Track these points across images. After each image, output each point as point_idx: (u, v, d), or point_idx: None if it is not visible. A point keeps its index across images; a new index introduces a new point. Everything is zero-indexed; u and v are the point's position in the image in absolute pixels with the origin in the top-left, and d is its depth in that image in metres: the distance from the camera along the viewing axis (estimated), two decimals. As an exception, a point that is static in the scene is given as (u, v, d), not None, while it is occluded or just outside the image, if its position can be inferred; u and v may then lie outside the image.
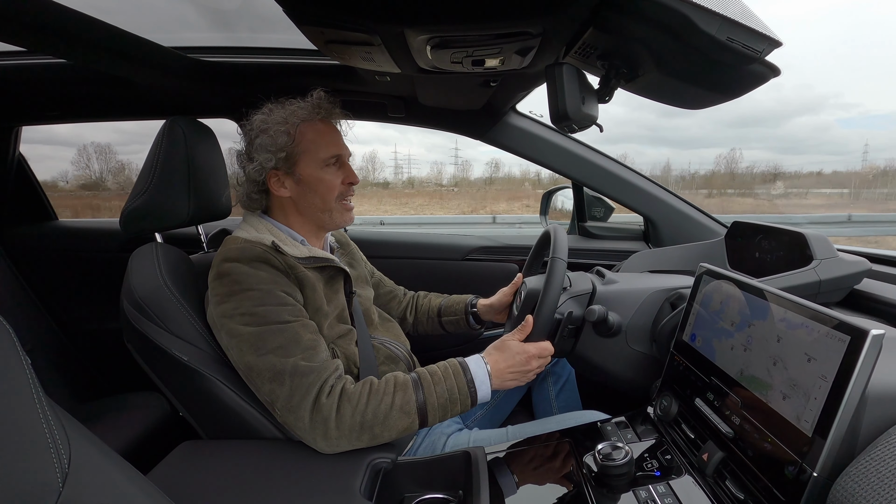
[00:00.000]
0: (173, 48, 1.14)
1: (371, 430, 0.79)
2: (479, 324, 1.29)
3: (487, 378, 0.86)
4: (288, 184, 0.97)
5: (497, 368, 0.87)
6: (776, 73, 0.74)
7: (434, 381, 0.84)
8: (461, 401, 0.84)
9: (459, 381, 0.84)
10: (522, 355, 0.89)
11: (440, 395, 0.82)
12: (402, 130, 71.03)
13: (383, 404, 0.80)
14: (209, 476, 0.79)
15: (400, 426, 0.80)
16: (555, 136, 1.54)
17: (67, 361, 1.63)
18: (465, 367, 0.87)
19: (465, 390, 0.84)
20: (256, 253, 0.86)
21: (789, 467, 0.58)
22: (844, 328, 0.56)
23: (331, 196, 0.99)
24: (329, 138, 0.99)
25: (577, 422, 0.98)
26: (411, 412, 0.80)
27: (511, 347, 0.89)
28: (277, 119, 0.95)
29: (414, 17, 0.74)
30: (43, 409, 0.40)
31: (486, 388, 0.86)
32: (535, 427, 1.02)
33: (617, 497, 0.71)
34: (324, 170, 0.97)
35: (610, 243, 1.71)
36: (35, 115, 1.65)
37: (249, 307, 0.82)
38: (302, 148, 0.96)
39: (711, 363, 0.78)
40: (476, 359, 0.89)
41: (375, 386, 0.82)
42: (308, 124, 0.97)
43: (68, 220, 1.91)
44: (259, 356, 0.80)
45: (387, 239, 1.76)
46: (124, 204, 1.03)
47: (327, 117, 1.00)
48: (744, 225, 1.30)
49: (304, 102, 0.98)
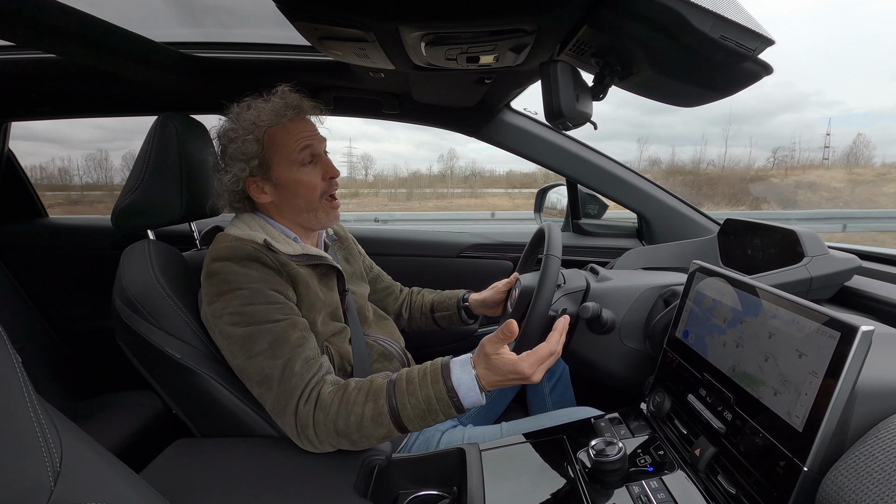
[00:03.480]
0: (165, 43, 1.13)
1: (348, 437, 0.76)
2: (472, 318, 1.28)
3: (475, 383, 0.76)
4: (267, 189, 0.95)
5: (486, 381, 0.76)
6: (769, 72, 0.75)
7: (409, 389, 0.76)
8: (442, 410, 0.75)
9: (438, 389, 0.75)
10: (515, 374, 0.75)
11: (415, 406, 0.75)
12: (390, 127, 70.35)
13: (353, 415, 0.75)
14: (203, 474, 0.79)
15: (377, 434, 0.76)
16: (549, 133, 1.54)
17: (59, 360, 1.61)
18: (447, 372, 0.77)
19: (446, 399, 0.75)
20: (247, 251, 0.85)
21: (780, 462, 0.59)
22: (835, 324, 0.57)
23: (313, 195, 0.95)
24: (296, 134, 0.93)
25: (570, 418, 0.99)
26: (384, 422, 0.75)
27: (498, 366, 0.76)
28: (245, 125, 0.91)
29: (408, 13, 0.73)
30: (34, 408, 0.40)
31: (473, 396, 0.76)
32: (530, 423, 1.02)
33: (610, 493, 0.72)
34: (300, 170, 0.93)
35: (604, 240, 1.71)
36: (25, 111, 1.63)
37: (237, 307, 0.81)
38: (273, 151, 0.92)
39: (704, 359, 0.79)
40: (463, 362, 0.78)
41: (349, 393, 0.77)
42: (276, 128, 0.92)
43: (59, 217, 1.89)
44: (247, 359, 0.80)
45: (381, 236, 1.75)
46: (116, 201, 1.02)
47: (295, 115, 0.95)
48: (736, 222, 1.31)
49: (270, 104, 0.93)
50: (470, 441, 0.99)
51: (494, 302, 1.24)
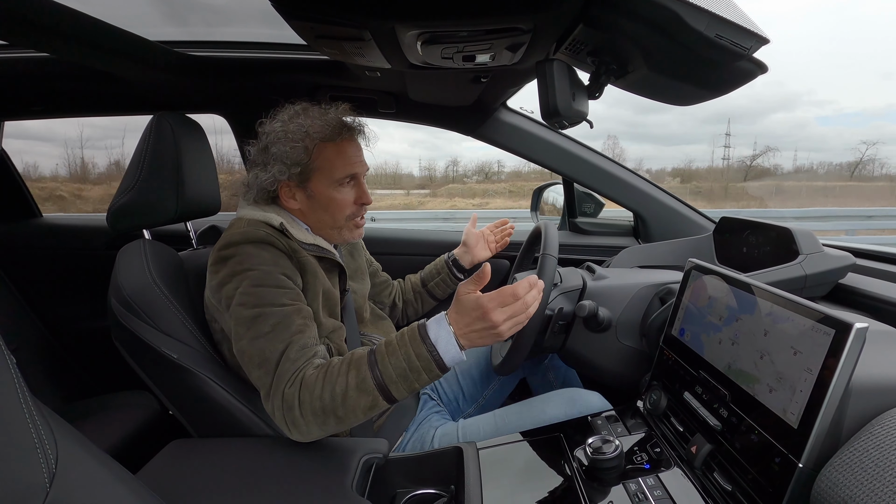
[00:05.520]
0: (159, 42, 1.12)
1: (334, 414, 0.75)
2: (463, 272, 1.35)
3: (453, 338, 0.74)
4: (299, 196, 0.95)
5: (459, 328, 0.75)
6: (763, 70, 0.75)
7: (389, 351, 0.76)
8: (424, 367, 0.74)
9: (417, 346, 0.74)
10: (478, 311, 0.73)
11: (396, 366, 0.74)
12: (383, 126, 70.09)
13: (338, 386, 0.74)
14: (199, 474, 0.78)
15: (362, 405, 0.74)
16: (545, 132, 1.54)
17: (54, 360, 1.60)
18: (423, 330, 0.76)
19: (426, 356, 0.74)
20: (260, 235, 0.86)
21: (776, 459, 0.59)
22: (829, 322, 0.57)
23: (341, 215, 0.97)
24: (347, 158, 0.95)
25: (557, 403, 1.00)
26: (369, 389, 0.74)
27: (464, 303, 0.75)
28: (296, 130, 0.91)
29: (404, 12, 0.73)
30: (29, 409, 0.40)
31: (453, 351, 0.74)
32: (521, 409, 1.03)
33: (607, 490, 0.72)
34: (337, 189, 0.95)
35: (600, 239, 1.72)
36: (18, 110, 1.62)
37: (247, 287, 0.82)
38: (318, 165, 0.92)
39: (700, 357, 0.79)
40: (439, 318, 0.77)
41: (332, 368, 0.77)
42: (329, 143, 0.93)
43: (53, 216, 1.87)
44: (251, 340, 0.80)
45: (378, 235, 1.75)
46: (111, 200, 1.01)
47: (349, 135, 0.96)
48: (732, 220, 1.32)
49: (328, 118, 0.93)
50: (464, 434, 1.00)
51: (474, 240, 1.35)
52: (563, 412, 0.98)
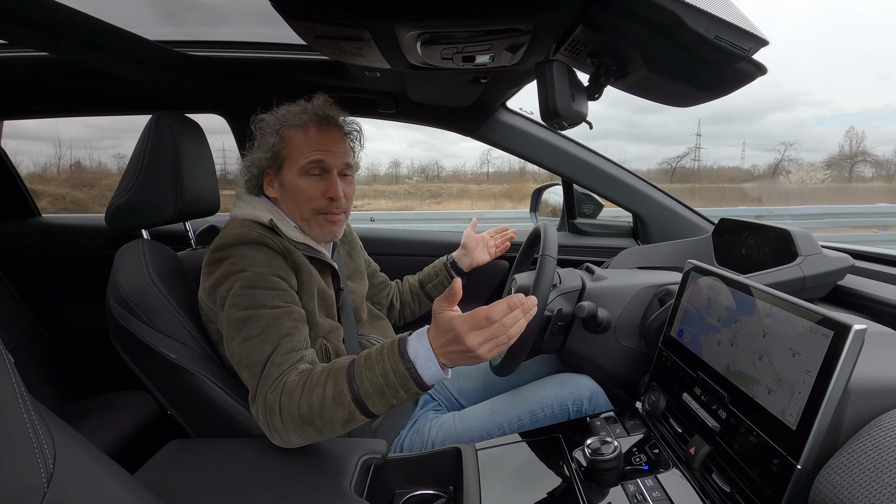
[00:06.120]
0: (159, 42, 1.12)
1: (312, 423, 0.73)
2: (462, 274, 1.36)
3: (432, 355, 0.69)
4: (275, 185, 0.98)
5: (437, 347, 0.70)
6: (763, 72, 0.75)
7: (367, 364, 0.72)
8: (401, 384, 0.70)
9: (394, 362, 0.70)
10: (451, 333, 0.67)
11: (373, 381, 0.71)
12: (381, 126, 70.00)
13: (315, 396, 0.72)
14: (198, 475, 0.78)
15: (339, 417, 0.72)
16: (545, 133, 1.54)
17: (52, 360, 1.60)
18: (403, 345, 0.72)
19: (403, 372, 0.69)
20: (254, 237, 0.87)
21: (774, 460, 0.59)
22: (828, 323, 0.57)
23: (308, 207, 0.96)
24: (316, 145, 0.94)
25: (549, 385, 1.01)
26: (345, 402, 0.71)
27: (439, 323, 0.70)
28: (276, 118, 0.95)
29: (404, 12, 0.73)
30: (27, 409, 0.39)
31: (433, 369, 0.69)
32: (514, 395, 1.03)
33: (606, 491, 0.72)
34: (301, 178, 0.94)
35: (599, 240, 1.72)
36: (17, 109, 1.62)
37: (240, 288, 0.83)
38: (287, 152, 0.95)
39: (699, 358, 0.79)
40: (420, 333, 0.73)
41: (313, 376, 0.75)
42: (298, 129, 0.94)
43: (52, 216, 1.87)
44: (241, 342, 0.80)
45: (377, 235, 1.75)
46: (110, 200, 1.01)
47: (321, 123, 0.96)
48: (731, 222, 1.32)
49: (300, 106, 0.96)
50: (461, 421, 1.00)
51: (474, 244, 1.38)
52: (554, 393, 0.99)
